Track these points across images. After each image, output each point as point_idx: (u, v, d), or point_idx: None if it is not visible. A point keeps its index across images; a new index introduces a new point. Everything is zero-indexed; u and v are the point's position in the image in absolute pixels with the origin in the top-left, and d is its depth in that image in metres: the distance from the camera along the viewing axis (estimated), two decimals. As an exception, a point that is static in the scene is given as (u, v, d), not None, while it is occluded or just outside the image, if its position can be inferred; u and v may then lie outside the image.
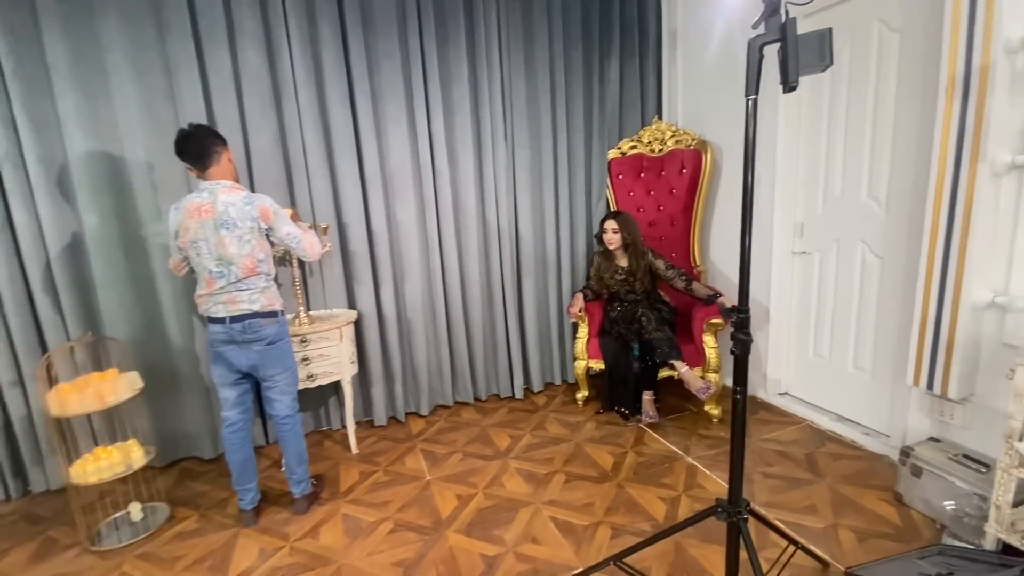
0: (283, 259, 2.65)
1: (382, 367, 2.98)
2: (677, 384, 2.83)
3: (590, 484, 2.32)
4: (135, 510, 2.22)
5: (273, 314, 2.06)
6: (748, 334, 1.25)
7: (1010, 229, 1.82)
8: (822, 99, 2.54)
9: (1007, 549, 1.60)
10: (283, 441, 2.20)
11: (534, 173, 3.17)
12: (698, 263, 3.23)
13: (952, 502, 1.82)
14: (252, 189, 2.61)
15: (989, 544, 1.63)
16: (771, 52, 1.16)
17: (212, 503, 2.35)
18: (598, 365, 3.01)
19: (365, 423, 3.07)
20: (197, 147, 1.92)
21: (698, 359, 2.80)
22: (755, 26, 1.13)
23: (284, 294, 2.74)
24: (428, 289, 3.02)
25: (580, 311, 2.95)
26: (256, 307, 2.00)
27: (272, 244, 2.08)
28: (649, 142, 3.28)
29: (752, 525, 1.70)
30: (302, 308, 2.59)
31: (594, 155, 3.29)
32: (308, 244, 2.10)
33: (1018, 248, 1.82)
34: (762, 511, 1.94)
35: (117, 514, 2.24)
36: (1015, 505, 1.61)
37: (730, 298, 2.81)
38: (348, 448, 2.76)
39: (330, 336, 2.56)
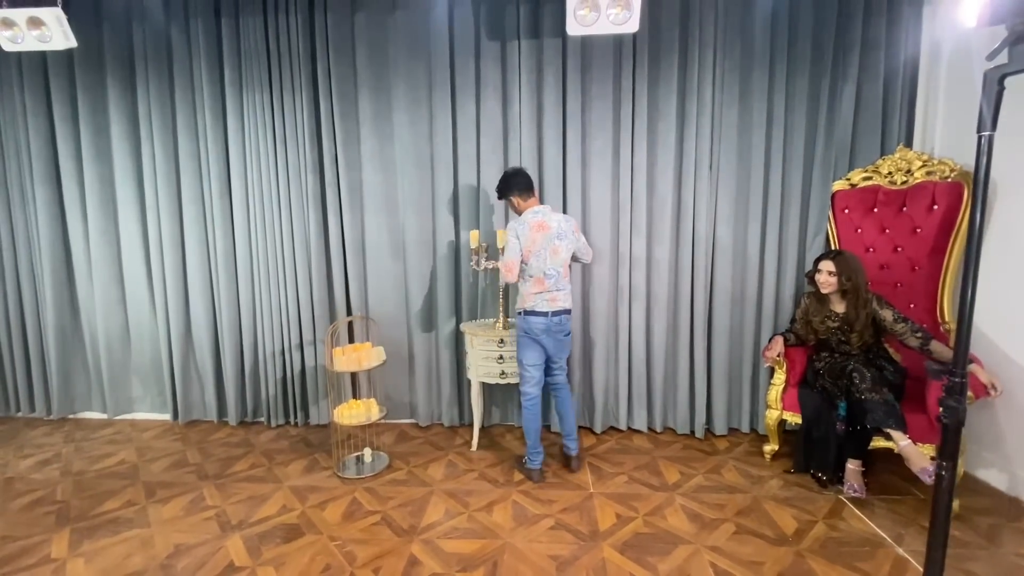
0: (493, 271, 3.12)
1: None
2: (896, 459, 2.37)
3: (763, 543, 2.13)
4: (367, 453, 2.88)
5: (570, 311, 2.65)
6: (962, 401, 1.07)
7: None
8: None
9: None
10: (564, 405, 2.76)
11: (739, 205, 3.05)
12: (947, 319, 2.65)
13: None
14: (478, 212, 3.16)
15: None
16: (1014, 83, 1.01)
17: (419, 463, 2.89)
18: (794, 419, 2.71)
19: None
20: (528, 180, 2.59)
21: (932, 435, 2.31)
22: (991, 57, 1.00)
23: (488, 303, 3.24)
24: (613, 310, 3.16)
25: (778, 356, 2.71)
26: (567, 305, 2.58)
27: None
28: (889, 173, 2.84)
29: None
30: (502, 313, 3.00)
31: (814, 187, 3.00)
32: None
33: None
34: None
35: (355, 453, 2.94)
36: None
37: (991, 369, 2.25)
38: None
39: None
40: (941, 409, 1.10)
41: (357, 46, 3.07)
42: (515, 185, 2.56)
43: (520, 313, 2.59)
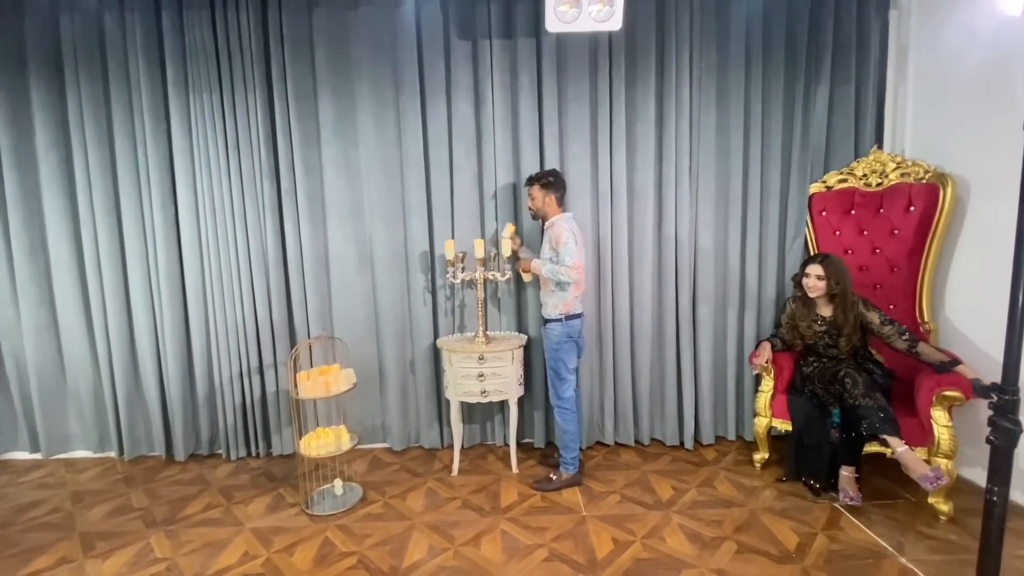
0: (470, 283, 2.94)
1: (544, 393, 3.06)
2: (889, 464, 2.34)
3: (767, 561, 2.04)
4: (338, 486, 2.64)
5: None
6: (1017, 422, 0.98)
7: None
8: None
9: None
10: (579, 411, 2.78)
11: (719, 209, 3.00)
12: (926, 320, 2.66)
13: None
14: (452, 220, 2.98)
15: None
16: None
17: (396, 493, 2.66)
18: (783, 426, 2.66)
19: (524, 444, 3.17)
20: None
21: (922, 438, 2.29)
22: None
23: (468, 315, 3.06)
24: (596, 322, 3.03)
25: (766, 362, 2.65)
26: None
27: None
28: (864, 175, 2.85)
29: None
30: (481, 328, 2.83)
31: (792, 190, 2.97)
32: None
33: None
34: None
35: (325, 486, 2.69)
36: None
37: (974, 368, 2.25)
38: (509, 466, 2.88)
39: (503, 357, 2.74)
40: (990, 429, 1.01)
41: (316, 44, 2.84)
42: (564, 187, 2.65)
43: (561, 319, 2.56)
